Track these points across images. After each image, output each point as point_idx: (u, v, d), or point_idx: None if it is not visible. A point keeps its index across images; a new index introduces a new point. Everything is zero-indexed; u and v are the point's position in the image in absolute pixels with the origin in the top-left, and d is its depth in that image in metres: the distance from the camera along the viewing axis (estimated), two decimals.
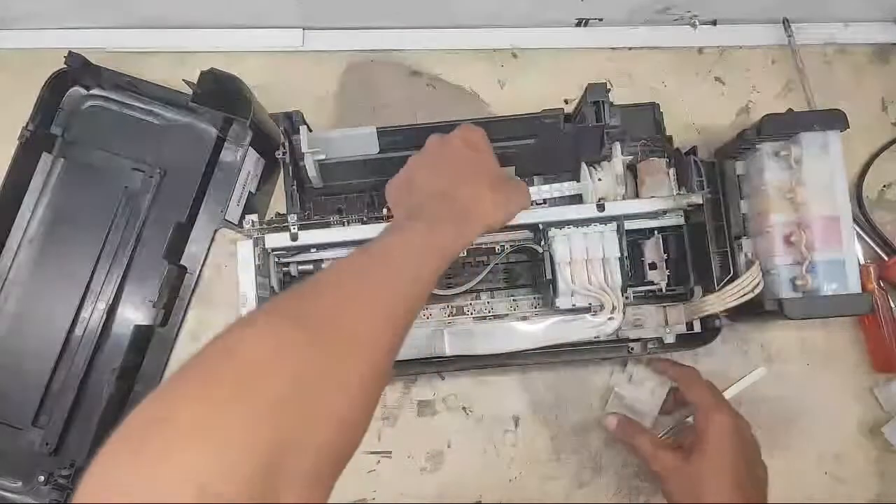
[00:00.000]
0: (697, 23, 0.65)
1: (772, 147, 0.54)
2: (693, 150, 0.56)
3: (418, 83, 0.65)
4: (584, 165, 0.56)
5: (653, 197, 0.54)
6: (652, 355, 0.57)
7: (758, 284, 0.53)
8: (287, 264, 0.56)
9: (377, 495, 0.60)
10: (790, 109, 0.56)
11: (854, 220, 0.58)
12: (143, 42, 0.65)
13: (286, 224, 0.52)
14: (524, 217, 0.52)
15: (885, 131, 0.65)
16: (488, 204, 0.45)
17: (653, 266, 0.57)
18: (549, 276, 0.52)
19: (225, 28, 0.65)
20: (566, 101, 0.64)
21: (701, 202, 0.54)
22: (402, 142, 0.55)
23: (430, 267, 0.39)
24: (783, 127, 0.53)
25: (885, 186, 0.65)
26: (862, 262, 0.61)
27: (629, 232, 0.54)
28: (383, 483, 0.60)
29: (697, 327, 0.56)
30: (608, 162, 0.56)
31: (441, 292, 0.55)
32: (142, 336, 0.60)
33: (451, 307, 0.55)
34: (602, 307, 0.51)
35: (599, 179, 0.55)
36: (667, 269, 0.56)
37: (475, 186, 0.45)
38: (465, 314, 0.55)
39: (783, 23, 0.65)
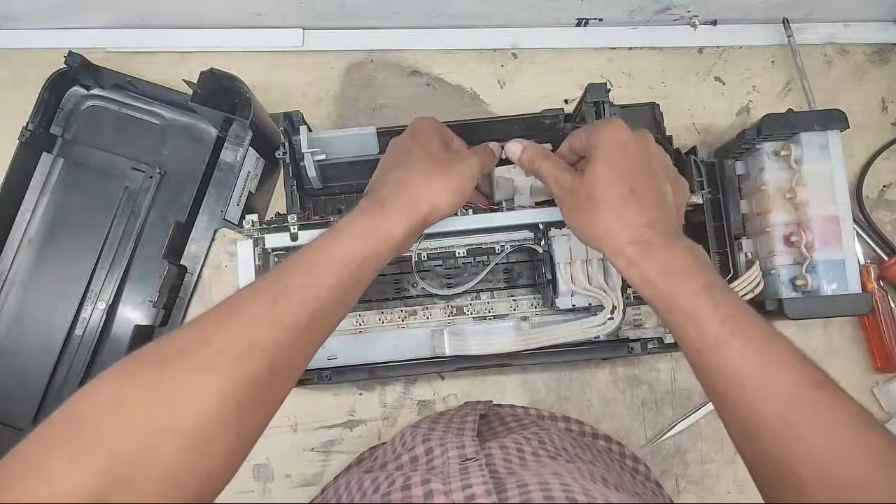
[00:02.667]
0: (697, 23, 0.65)
1: (772, 147, 0.54)
2: (693, 150, 0.56)
3: (418, 83, 0.65)
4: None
5: None
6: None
7: (758, 284, 0.53)
8: None
9: None
10: (790, 109, 0.56)
11: (854, 220, 0.58)
12: (143, 42, 0.65)
13: (286, 224, 0.52)
14: (524, 217, 0.52)
15: (885, 131, 0.66)
16: (419, 187, 0.42)
17: None
18: (549, 276, 0.52)
19: (225, 28, 0.65)
20: (566, 101, 0.65)
21: (701, 202, 0.54)
22: None
23: (322, 274, 0.37)
24: (783, 127, 0.53)
25: (885, 186, 0.65)
26: (862, 262, 0.61)
27: None
28: None
29: None
30: None
31: (441, 292, 0.55)
32: (142, 336, 0.60)
33: (451, 307, 0.55)
34: (602, 307, 0.51)
35: None
36: None
37: (403, 172, 0.43)
38: (465, 314, 0.55)
39: (783, 23, 0.65)
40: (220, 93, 0.55)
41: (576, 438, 0.51)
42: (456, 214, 0.53)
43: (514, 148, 0.49)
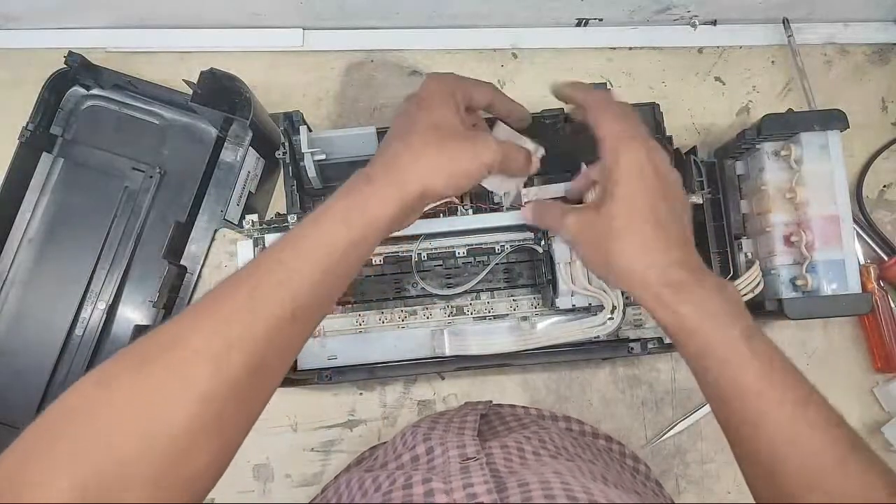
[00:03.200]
0: (697, 23, 0.65)
1: (772, 147, 0.54)
2: (693, 150, 0.56)
3: (418, 83, 0.65)
4: (583, 166, 0.56)
5: None
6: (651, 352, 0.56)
7: (758, 284, 0.53)
8: None
9: None
10: (790, 109, 0.56)
11: (854, 220, 0.58)
12: (143, 42, 0.65)
13: (286, 224, 0.52)
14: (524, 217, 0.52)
15: (885, 131, 0.66)
16: (414, 162, 0.37)
17: None
18: (549, 276, 0.52)
19: (225, 28, 0.65)
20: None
21: (701, 202, 0.54)
22: None
23: (299, 269, 0.34)
24: (783, 127, 0.53)
25: (885, 186, 0.65)
26: (862, 262, 0.61)
27: None
28: None
29: None
30: None
31: (441, 292, 0.55)
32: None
33: (451, 307, 0.55)
34: (602, 307, 0.51)
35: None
36: None
37: (400, 143, 0.38)
38: (465, 314, 0.55)
39: (783, 23, 0.65)
40: (220, 93, 0.55)
41: (576, 438, 0.51)
42: (456, 214, 0.53)
43: (525, 212, 0.48)
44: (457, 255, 0.55)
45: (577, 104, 0.45)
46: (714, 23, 0.67)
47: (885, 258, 0.62)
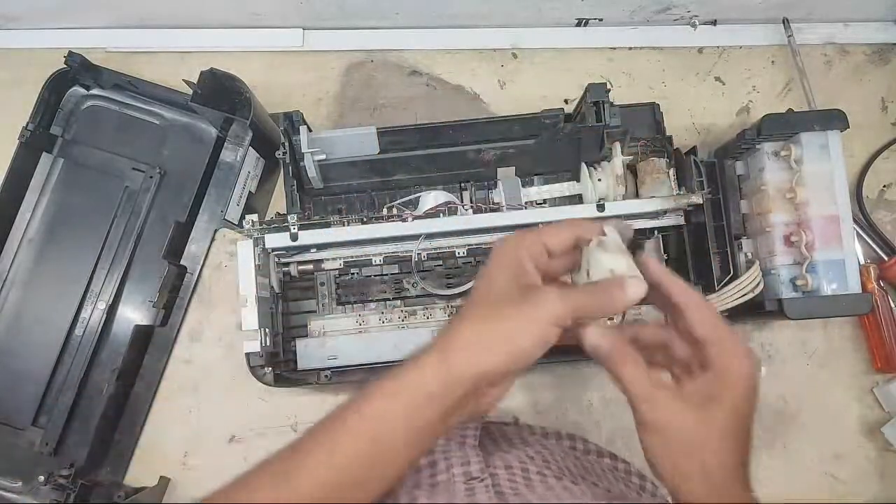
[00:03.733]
0: (697, 23, 0.65)
1: (772, 147, 0.54)
2: (693, 150, 0.56)
3: (418, 83, 0.65)
4: (584, 166, 0.56)
5: (653, 197, 0.54)
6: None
7: (758, 284, 0.53)
8: (287, 264, 0.56)
9: None
10: (790, 109, 0.56)
11: (854, 220, 0.58)
12: (143, 42, 0.65)
13: (286, 224, 0.52)
14: (524, 217, 0.52)
15: (885, 131, 0.66)
16: (462, 337, 0.33)
17: None
18: None
19: (225, 28, 0.65)
20: (566, 101, 0.65)
21: (701, 202, 0.54)
22: (403, 142, 0.54)
23: (345, 448, 0.33)
24: (783, 127, 0.53)
25: (885, 186, 0.65)
26: (862, 262, 0.61)
27: None
28: None
29: None
30: (608, 162, 0.56)
31: (441, 292, 0.55)
32: (142, 336, 0.60)
33: (451, 307, 0.55)
34: None
35: (599, 180, 0.55)
36: None
37: (457, 317, 0.35)
38: None
39: (783, 23, 0.65)
40: (220, 93, 0.55)
41: (579, 457, 0.51)
42: (456, 214, 0.53)
43: (592, 338, 0.38)
44: (457, 255, 0.55)
45: (665, 289, 0.38)
46: (714, 23, 0.67)
47: (885, 258, 0.62)
